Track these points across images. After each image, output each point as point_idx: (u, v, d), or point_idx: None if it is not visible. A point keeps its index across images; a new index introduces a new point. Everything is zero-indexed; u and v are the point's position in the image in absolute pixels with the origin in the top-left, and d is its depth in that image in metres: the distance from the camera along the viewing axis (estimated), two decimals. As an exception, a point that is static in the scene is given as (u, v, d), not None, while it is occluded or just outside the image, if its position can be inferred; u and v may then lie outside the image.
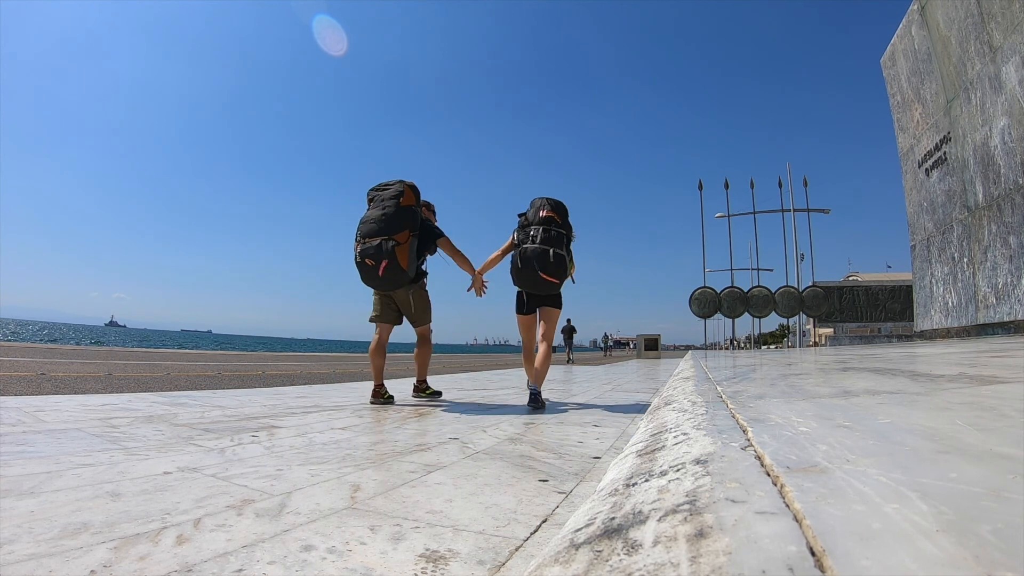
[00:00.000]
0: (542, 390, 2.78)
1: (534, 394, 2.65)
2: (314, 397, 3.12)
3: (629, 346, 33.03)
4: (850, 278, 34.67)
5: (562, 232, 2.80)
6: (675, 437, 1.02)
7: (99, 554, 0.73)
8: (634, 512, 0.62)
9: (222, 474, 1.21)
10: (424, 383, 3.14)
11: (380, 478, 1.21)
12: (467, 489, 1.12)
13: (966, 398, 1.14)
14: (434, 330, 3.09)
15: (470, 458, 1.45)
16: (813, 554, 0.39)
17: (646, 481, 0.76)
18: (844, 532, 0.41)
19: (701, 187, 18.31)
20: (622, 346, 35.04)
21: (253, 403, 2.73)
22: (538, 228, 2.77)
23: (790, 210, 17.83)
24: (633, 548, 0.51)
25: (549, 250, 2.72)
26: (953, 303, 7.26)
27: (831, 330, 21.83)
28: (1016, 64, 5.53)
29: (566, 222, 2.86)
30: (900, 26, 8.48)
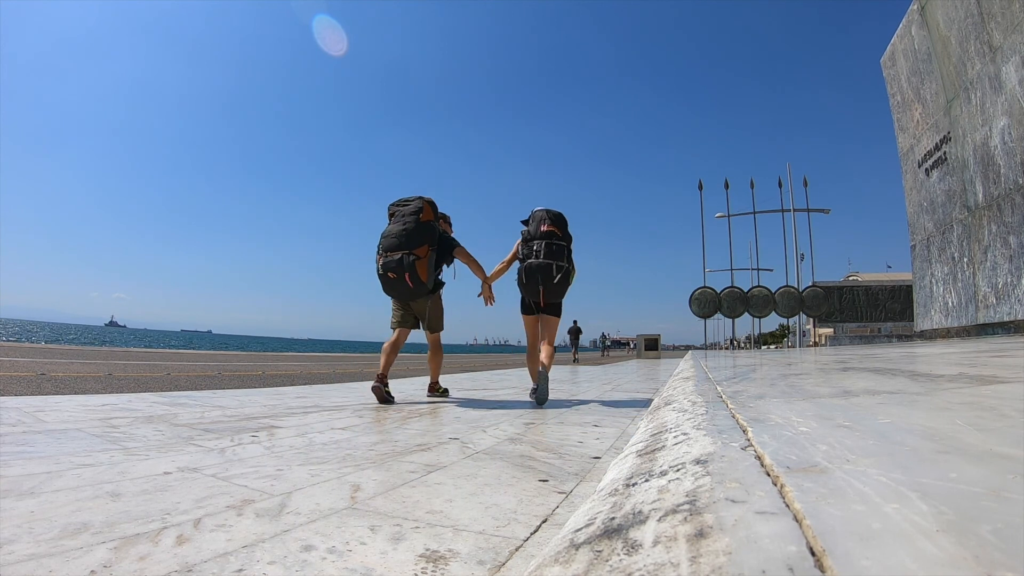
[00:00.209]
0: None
1: (539, 383, 2.79)
2: (314, 397, 3.12)
3: (629, 346, 32.94)
4: (850, 278, 34.68)
5: (563, 244, 3.00)
6: (675, 437, 1.02)
7: (99, 554, 0.73)
8: (634, 512, 0.62)
9: (222, 474, 1.21)
10: (437, 384, 3.35)
11: (380, 478, 1.21)
12: (467, 489, 1.12)
13: (966, 398, 1.14)
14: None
15: (470, 458, 1.45)
16: (813, 554, 0.39)
17: (646, 481, 0.76)
18: (844, 532, 0.41)
19: (701, 187, 18.31)
20: (621, 346, 34.90)
21: (253, 403, 2.73)
22: (541, 243, 2.96)
23: (790, 210, 17.82)
24: (633, 548, 0.51)
25: (552, 264, 2.92)
26: (953, 303, 7.26)
27: (831, 330, 21.82)
28: (1016, 64, 5.53)
29: (566, 233, 3.06)
30: (900, 26, 8.48)
